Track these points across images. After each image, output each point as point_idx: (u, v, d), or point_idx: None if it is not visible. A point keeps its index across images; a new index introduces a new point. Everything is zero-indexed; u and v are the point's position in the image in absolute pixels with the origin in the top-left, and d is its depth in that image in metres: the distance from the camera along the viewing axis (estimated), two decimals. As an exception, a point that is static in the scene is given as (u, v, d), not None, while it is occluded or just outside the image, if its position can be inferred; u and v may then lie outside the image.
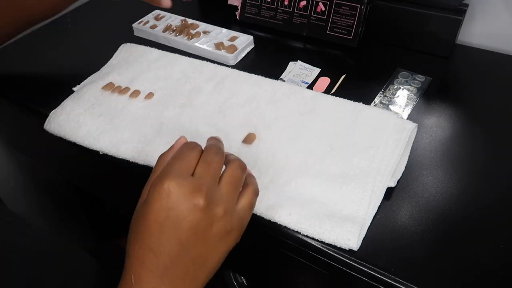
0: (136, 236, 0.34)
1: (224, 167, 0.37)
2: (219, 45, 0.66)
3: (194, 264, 0.35)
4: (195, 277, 0.35)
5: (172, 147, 0.39)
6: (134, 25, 0.73)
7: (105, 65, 0.65)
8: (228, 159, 0.38)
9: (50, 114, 0.56)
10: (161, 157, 0.38)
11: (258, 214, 0.43)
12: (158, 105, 0.56)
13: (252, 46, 0.68)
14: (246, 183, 0.39)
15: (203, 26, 0.72)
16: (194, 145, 0.37)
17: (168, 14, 0.75)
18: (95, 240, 1.10)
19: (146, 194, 0.35)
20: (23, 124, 0.71)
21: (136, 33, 0.74)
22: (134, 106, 0.56)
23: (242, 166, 0.38)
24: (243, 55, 0.66)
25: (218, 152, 0.37)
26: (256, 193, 0.39)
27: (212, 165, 0.36)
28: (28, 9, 0.58)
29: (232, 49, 0.65)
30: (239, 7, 0.75)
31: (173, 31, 0.70)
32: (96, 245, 0.79)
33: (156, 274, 0.33)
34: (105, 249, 0.74)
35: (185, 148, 0.36)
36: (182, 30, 0.70)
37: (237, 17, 0.76)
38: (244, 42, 0.67)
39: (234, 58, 0.64)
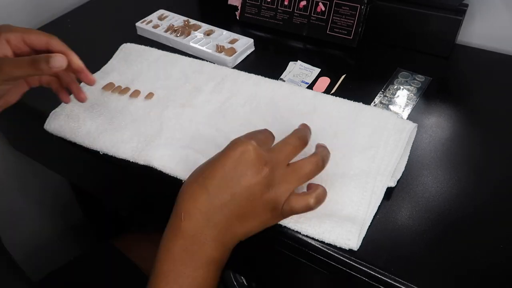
0: (197, 176, 0.38)
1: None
2: (219, 47, 0.65)
3: (236, 219, 0.37)
4: (235, 230, 0.38)
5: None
6: (138, 24, 0.73)
7: (105, 65, 0.65)
8: (316, 151, 0.41)
9: (50, 114, 0.56)
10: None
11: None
12: (158, 105, 0.56)
13: (252, 49, 0.68)
14: (313, 189, 0.40)
15: (204, 27, 0.71)
16: (271, 134, 0.41)
17: (171, 14, 0.75)
18: (94, 240, 1.10)
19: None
20: (23, 124, 0.71)
21: (139, 32, 0.74)
22: (134, 106, 0.56)
23: (319, 164, 0.40)
24: (242, 57, 0.66)
25: (301, 138, 0.40)
26: (308, 207, 0.39)
27: (289, 147, 0.39)
28: None
29: (231, 51, 0.64)
30: (239, 7, 0.76)
31: (175, 31, 0.70)
32: (95, 245, 0.79)
33: (204, 215, 0.37)
34: (103, 250, 0.74)
35: (266, 130, 0.41)
36: (183, 30, 0.70)
37: (237, 17, 0.76)
38: (244, 44, 0.66)
39: (233, 61, 0.64)
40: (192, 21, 0.73)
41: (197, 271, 0.37)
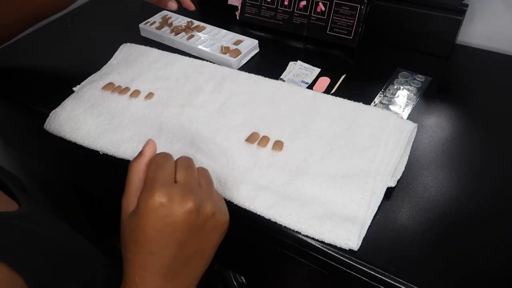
0: (135, 245, 0.36)
1: None
2: (223, 49, 0.65)
3: (192, 258, 0.38)
4: (194, 269, 0.39)
5: (142, 154, 0.40)
6: (141, 25, 0.73)
7: (105, 65, 0.65)
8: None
9: (50, 114, 0.56)
10: (133, 165, 0.39)
11: (258, 213, 0.43)
12: (158, 105, 0.56)
13: (257, 50, 0.68)
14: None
15: (208, 28, 0.71)
16: (167, 155, 0.40)
17: (175, 15, 0.75)
18: (94, 240, 1.10)
19: (131, 205, 0.37)
20: (23, 124, 0.71)
21: (142, 33, 0.74)
22: (134, 106, 0.56)
23: (200, 167, 0.42)
24: (247, 58, 0.66)
25: (189, 159, 0.41)
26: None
27: (190, 169, 0.39)
28: (37, 5, 0.61)
29: (236, 53, 0.64)
30: (239, 7, 0.76)
31: (178, 32, 0.70)
32: (95, 245, 0.78)
33: (160, 274, 0.36)
34: (103, 250, 0.74)
35: (160, 159, 0.39)
36: (187, 32, 0.70)
37: (237, 17, 0.76)
38: (249, 46, 0.66)
39: (237, 62, 0.64)
40: (196, 22, 0.73)
41: None
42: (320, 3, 0.68)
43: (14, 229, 0.36)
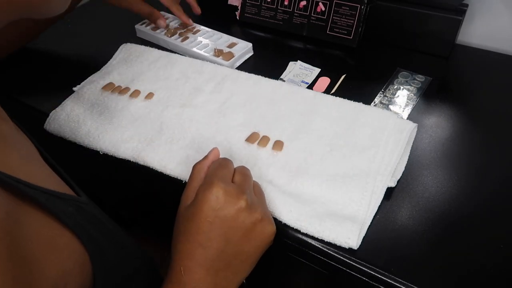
0: (185, 234, 0.39)
1: None
2: (216, 51, 0.65)
3: (236, 258, 0.39)
4: (236, 270, 0.40)
5: (206, 157, 0.43)
6: (137, 26, 0.73)
7: (105, 65, 0.65)
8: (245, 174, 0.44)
9: (50, 114, 0.56)
10: (197, 165, 0.42)
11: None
12: (158, 105, 0.56)
13: (251, 53, 0.67)
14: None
15: (203, 30, 0.71)
16: (228, 159, 0.43)
17: (171, 17, 0.75)
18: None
19: (189, 199, 0.40)
20: (23, 124, 0.71)
21: (138, 34, 0.74)
22: (134, 106, 0.56)
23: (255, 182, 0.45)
24: (240, 62, 0.66)
25: (249, 170, 0.44)
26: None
27: (247, 177, 0.42)
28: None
29: (229, 56, 0.64)
30: (239, 7, 0.76)
31: (173, 34, 0.70)
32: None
33: (203, 267, 0.38)
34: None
35: (223, 160, 0.43)
36: (182, 33, 0.70)
37: (237, 17, 0.76)
38: (243, 49, 0.66)
39: (230, 65, 0.64)
40: (191, 24, 0.73)
41: None
42: (320, 3, 0.68)
43: (83, 210, 0.39)
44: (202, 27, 0.72)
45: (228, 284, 0.40)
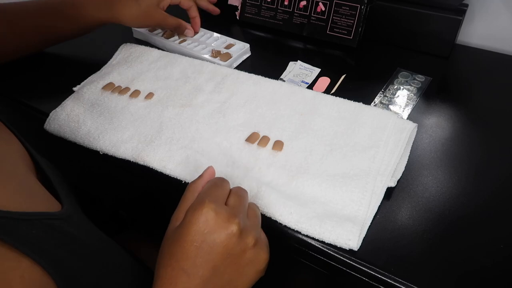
0: (169, 258, 0.36)
1: None
2: (214, 52, 0.65)
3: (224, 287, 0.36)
4: None
5: (201, 176, 0.41)
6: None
7: (105, 65, 0.65)
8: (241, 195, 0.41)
9: (50, 114, 0.56)
10: (191, 185, 0.40)
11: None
12: (158, 105, 0.56)
13: (248, 54, 0.67)
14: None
15: (201, 31, 0.71)
16: (224, 179, 0.41)
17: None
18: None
19: (179, 220, 0.37)
20: (23, 124, 0.71)
21: (135, 35, 0.74)
22: (134, 106, 0.56)
23: (252, 203, 0.42)
24: (238, 62, 0.66)
25: (245, 192, 0.41)
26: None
27: (243, 199, 0.39)
28: (56, 31, 0.64)
29: (226, 57, 0.64)
30: (239, 7, 0.76)
31: (170, 35, 0.70)
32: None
33: None
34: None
35: (218, 179, 0.40)
36: (179, 35, 0.70)
37: (237, 17, 0.76)
38: (240, 49, 0.66)
39: (228, 66, 0.63)
40: (189, 25, 0.73)
41: None
42: (320, 3, 0.68)
43: (53, 230, 0.36)
44: (200, 28, 0.72)
45: None
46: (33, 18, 0.62)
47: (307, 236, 0.41)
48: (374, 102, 0.57)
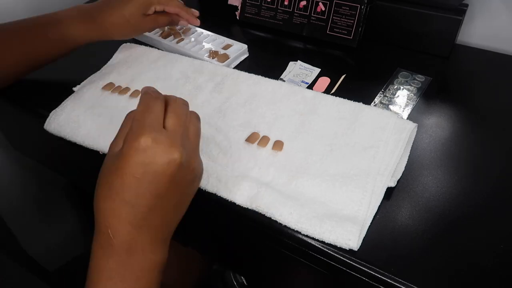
0: (109, 190, 0.34)
1: None
2: (211, 53, 0.65)
3: (169, 212, 0.36)
4: (171, 222, 0.37)
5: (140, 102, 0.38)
6: None
7: (105, 65, 0.65)
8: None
9: (50, 114, 0.56)
10: (129, 113, 0.38)
11: (259, 211, 0.43)
12: (158, 105, 0.56)
13: (246, 55, 0.67)
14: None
15: (199, 31, 0.71)
16: (156, 94, 0.37)
17: None
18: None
19: (118, 146, 0.35)
20: (23, 124, 0.71)
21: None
22: (134, 106, 0.56)
23: (193, 113, 0.40)
24: (235, 63, 0.66)
25: (184, 104, 0.38)
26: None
27: (182, 117, 0.36)
28: (43, 53, 0.60)
29: (224, 58, 0.64)
30: (239, 7, 0.76)
31: (168, 35, 0.70)
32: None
33: (134, 226, 0.34)
34: None
35: (149, 99, 0.36)
36: (176, 35, 0.70)
37: (237, 17, 0.76)
38: (238, 50, 0.66)
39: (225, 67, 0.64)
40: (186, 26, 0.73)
41: (139, 282, 0.35)
42: (320, 3, 0.68)
43: None
44: (198, 28, 0.72)
45: (165, 237, 0.36)
46: (13, 45, 0.57)
47: (307, 236, 0.41)
48: (374, 102, 0.57)
